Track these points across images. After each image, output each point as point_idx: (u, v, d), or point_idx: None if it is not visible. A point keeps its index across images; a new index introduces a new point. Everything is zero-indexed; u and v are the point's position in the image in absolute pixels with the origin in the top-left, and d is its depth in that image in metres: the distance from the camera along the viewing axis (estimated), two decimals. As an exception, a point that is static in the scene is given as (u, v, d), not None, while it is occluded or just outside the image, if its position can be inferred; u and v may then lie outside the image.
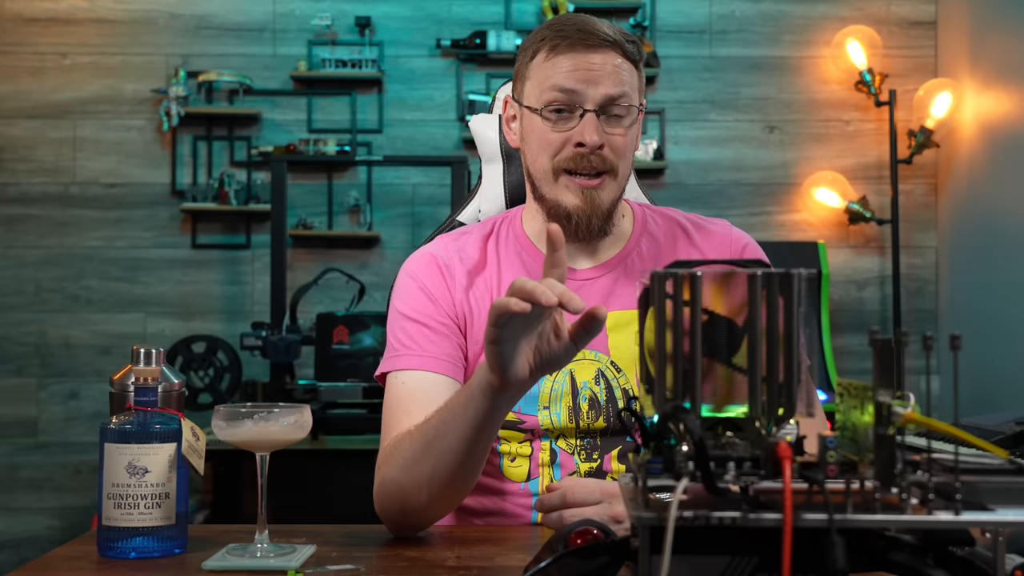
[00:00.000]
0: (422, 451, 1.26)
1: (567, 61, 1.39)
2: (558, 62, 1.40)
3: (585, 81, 1.38)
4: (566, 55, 1.39)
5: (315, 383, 3.46)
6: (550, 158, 1.42)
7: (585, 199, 1.41)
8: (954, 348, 0.81)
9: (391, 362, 1.43)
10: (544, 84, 1.41)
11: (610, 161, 1.41)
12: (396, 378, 1.41)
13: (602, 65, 1.39)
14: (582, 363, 1.44)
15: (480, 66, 4.08)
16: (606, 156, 1.40)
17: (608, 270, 1.49)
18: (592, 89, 1.38)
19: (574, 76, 1.38)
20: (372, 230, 4.02)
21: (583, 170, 1.41)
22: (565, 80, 1.39)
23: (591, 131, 1.38)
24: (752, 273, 0.86)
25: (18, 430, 4.00)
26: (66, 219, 4.04)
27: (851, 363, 3.98)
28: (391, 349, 1.45)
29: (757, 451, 0.82)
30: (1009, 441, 2.17)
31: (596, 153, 1.39)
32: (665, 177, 4.08)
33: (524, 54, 1.46)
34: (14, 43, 4.05)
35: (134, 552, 1.18)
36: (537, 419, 1.42)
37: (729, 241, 1.53)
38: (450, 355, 1.42)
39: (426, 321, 1.44)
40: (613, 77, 1.39)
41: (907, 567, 0.85)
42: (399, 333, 1.45)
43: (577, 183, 1.41)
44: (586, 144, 1.38)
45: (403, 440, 1.31)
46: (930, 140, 3.87)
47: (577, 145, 1.39)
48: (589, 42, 1.39)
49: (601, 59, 1.39)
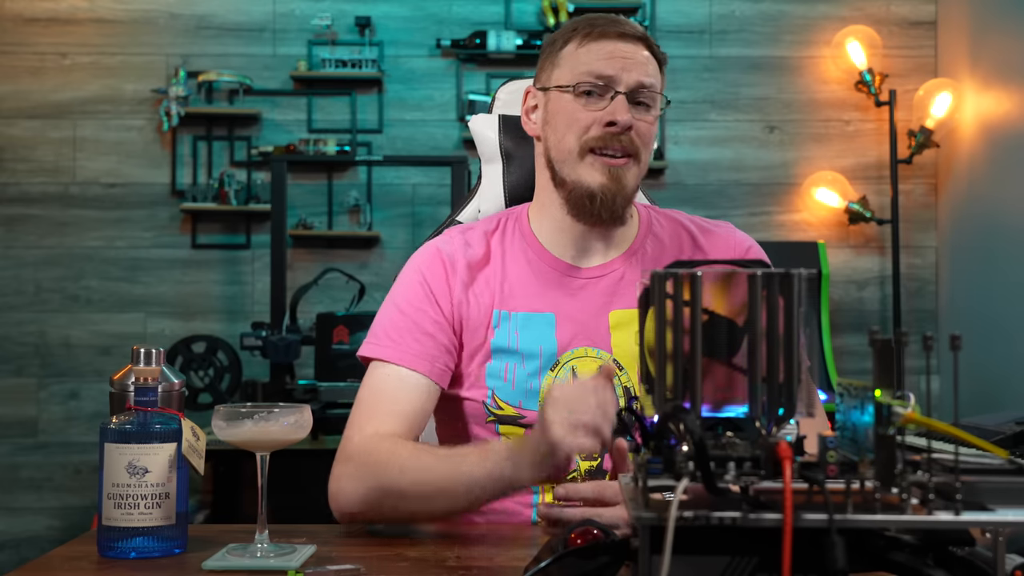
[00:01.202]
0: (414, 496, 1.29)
1: (601, 48, 1.43)
2: (592, 48, 1.44)
3: (620, 68, 1.42)
4: (599, 42, 1.43)
5: (315, 383, 3.46)
6: (578, 137, 1.43)
7: (611, 177, 1.43)
8: (954, 348, 0.81)
9: (377, 348, 1.45)
10: (577, 68, 1.44)
11: (636, 145, 1.43)
12: (380, 368, 1.44)
13: (634, 54, 1.43)
14: (584, 360, 1.45)
15: (480, 66, 4.08)
16: (633, 139, 1.43)
17: (611, 270, 1.50)
18: (626, 74, 1.42)
19: (609, 62, 1.42)
20: (372, 230, 4.02)
21: (611, 149, 1.43)
22: (600, 65, 1.42)
23: (623, 111, 1.41)
24: (752, 273, 0.86)
25: (18, 430, 4.00)
26: (66, 219, 4.04)
27: (851, 363, 3.98)
28: (374, 335, 1.46)
29: (757, 451, 0.82)
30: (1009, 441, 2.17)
31: (625, 134, 1.42)
32: (665, 177, 4.08)
33: (552, 45, 1.49)
34: (14, 43, 4.05)
35: (134, 552, 1.18)
36: (537, 414, 1.42)
37: (733, 244, 1.54)
38: (435, 356, 1.44)
39: (418, 318, 1.45)
40: (645, 67, 1.44)
41: (907, 567, 0.85)
42: (386, 322, 1.47)
43: (604, 161, 1.43)
44: (618, 123, 1.41)
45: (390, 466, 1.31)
46: (930, 140, 3.87)
47: (608, 125, 1.41)
48: (623, 30, 1.44)
49: (633, 49, 1.43)
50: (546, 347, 1.45)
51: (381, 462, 1.32)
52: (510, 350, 1.45)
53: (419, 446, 1.36)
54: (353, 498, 1.33)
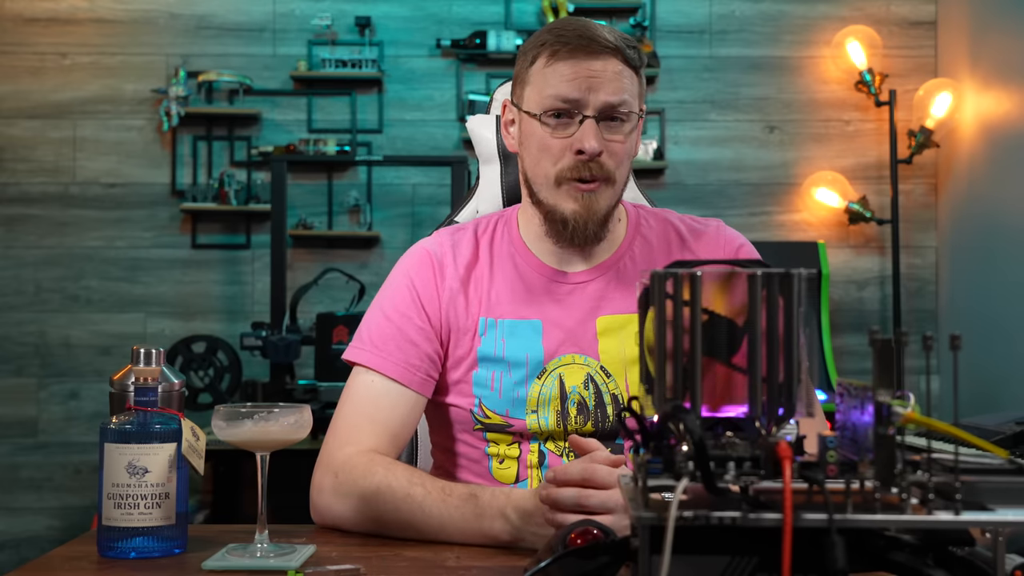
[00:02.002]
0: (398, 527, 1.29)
1: (567, 68, 1.38)
2: (558, 68, 1.39)
3: (586, 89, 1.37)
4: (566, 61, 1.38)
5: (315, 383, 3.46)
6: (552, 165, 1.40)
7: (583, 204, 1.40)
8: (954, 348, 0.81)
9: (361, 354, 1.45)
10: (544, 91, 1.40)
11: (607, 168, 1.39)
12: (364, 375, 1.44)
13: (602, 71, 1.38)
14: (572, 367, 1.44)
15: (480, 66, 4.08)
16: (604, 163, 1.39)
17: (601, 273, 1.49)
18: (592, 96, 1.37)
19: (575, 84, 1.37)
20: (372, 230, 4.02)
21: (583, 177, 1.40)
22: (565, 88, 1.38)
23: (591, 137, 1.37)
24: (752, 273, 0.86)
25: (18, 430, 4.00)
26: (66, 219, 4.04)
27: (851, 363, 3.98)
28: (360, 339, 1.47)
29: (757, 451, 0.82)
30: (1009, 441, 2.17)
31: (595, 160, 1.38)
32: (665, 177, 4.08)
33: (524, 58, 1.45)
34: (14, 43, 4.05)
35: (134, 552, 1.18)
36: (525, 423, 1.42)
37: (723, 242, 1.52)
38: (417, 366, 1.43)
39: (403, 324, 1.45)
40: (613, 84, 1.38)
41: (907, 567, 0.85)
42: (373, 326, 1.47)
43: (575, 187, 1.40)
44: (585, 151, 1.37)
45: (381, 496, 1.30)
46: (930, 140, 3.87)
47: (577, 152, 1.38)
48: (590, 48, 1.38)
49: (601, 65, 1.38)
50: (532, 355, 1.44)
51: (372, 491, 1.31)
52: (496, 358, 1.44)
53: (411, 478, 1.31)
54: (340, 517, 1.35)
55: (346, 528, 1.35)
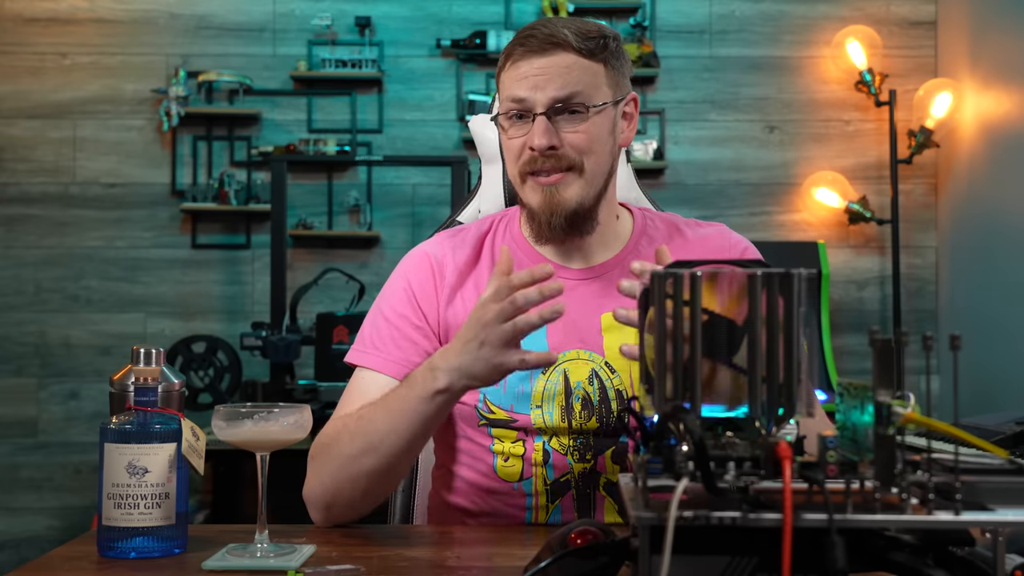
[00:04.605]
0: (363, 449, 1.31)
1: (518, 69, 1.42)
2: (511, 71, 1.44)
3: (533, 87, 1.41)
4: (517, 63, 1.43)
5: (315, 383, 3.46)
6: (514, 163, 1.46)
7: (545, 196, 1.44)
8: (954, 348, 0.81)
9: (362, 356, 1.48)
10: (503, 95, 1.45)
11: (570, 158, 1.42)
12: (364, 374, 1.47)
13: (547, 68, 1.41)
14: (576, 363, 1.44)
15: (480, 66, 4.08)
16: (564, 155, 1.42)
17: (602, 272, 1.49)
18: (540, 93, 1.41)
19: (523, 83, 1.41)
20: (372, 230, 4.02)
21: (543, 170, 1.43)
22: (516, 88, 1.42)
23: (539, 134, 1.40)
24: (752, 273, 0.86)
25: (18, 430, 4.00)
26: (66, 219, 4.04)
27: (851, 363, 3.98)
28: (361, 341, 1.50)
29: (757, 451, 0.82)
30: (1009, 441, 2.17)
31: (551, 154, 1.41)
32: (665, 177, 4.08)
33: (498, 66, 1.50)
34: (14, 43, 4.05)
35: (134, 552, 1.18)
36: (529, 417, 1.43)
37: (728, 245, 1.53)
38: (417, 363, 1.43)
39: (401, 325, 1.47)
40: (561, 79, 1.40)
41: (907, 567, 0.85)
42: (372, 329, 1.50)
43: (537, 181, 1.44)
44: (534, 147, 1.41)
45: (341, 437, 1.35)
46: (930, 140, 3.87)
47: (531, 148, 1.42)
48: (539, 47, 1.41)
49: (547, 62, 1.41)
50: (537, 350, 1.44)
51: (333, 436, 1.36)
52: None
53: (360, 410, 1.36)
54: (318, 490, 1.36)
55: (335, 506, 1.35)
